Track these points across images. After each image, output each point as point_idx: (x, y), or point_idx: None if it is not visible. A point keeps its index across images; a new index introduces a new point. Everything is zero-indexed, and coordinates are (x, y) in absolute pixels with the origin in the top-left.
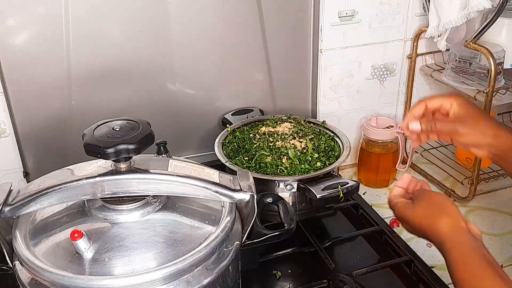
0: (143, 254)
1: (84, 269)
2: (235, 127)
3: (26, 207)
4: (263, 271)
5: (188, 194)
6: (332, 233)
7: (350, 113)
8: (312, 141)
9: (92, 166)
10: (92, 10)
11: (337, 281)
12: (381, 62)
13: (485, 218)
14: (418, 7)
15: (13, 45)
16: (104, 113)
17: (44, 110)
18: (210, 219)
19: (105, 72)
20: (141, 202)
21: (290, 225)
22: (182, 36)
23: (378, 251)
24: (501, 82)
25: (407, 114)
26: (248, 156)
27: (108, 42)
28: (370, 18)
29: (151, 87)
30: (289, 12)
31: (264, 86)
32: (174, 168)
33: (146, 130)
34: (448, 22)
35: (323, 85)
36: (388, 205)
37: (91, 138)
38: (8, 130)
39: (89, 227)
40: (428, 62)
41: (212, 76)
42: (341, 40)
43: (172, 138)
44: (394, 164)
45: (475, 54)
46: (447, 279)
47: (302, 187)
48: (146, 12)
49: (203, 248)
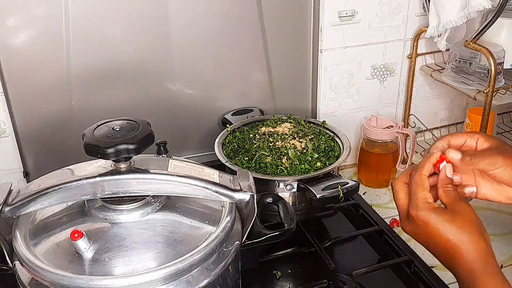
0: (143, 254)
1: (84, 269)
2: (235, 127)
3: (26, 207)
4: (263, 271)
5: (188, 194)
6: (332, 233)
7: (350, 113)
8: (312, 141)
9: (92, 166)
10: (92, 10)
11: (337, 281)
12: (381, 62)
13: (485, 218)
14: (418, 7)
15: (13, 45)
16: (104, 113)
17: (44, 110)
18: (210, 219)
19: (105, 72)
20: (141, 202)
21: (290, 225)
22: (182, 36)
23: (378, 251)
24: (501, 82)
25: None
26: (248, 156)
27: (108, 42)
28: (370, 18)
29: (151, 87)
30: (289, 12)
31: (264, 86)
32: (174, 168)
33: (146, 130)
34: (448, 22)
35: (323, 85)
36: (416, 197)
37: (91, 138)
38: (8, 130)
39: (89, 227)
40: (428, 62)
41: (212, 76)
42: (341, 40)
43: (172, 138)
44: (394, 164)
45: (475, 54)
46: (447, 279)
47: (302, 187)
48: (146, 12)
49: (203, 248)
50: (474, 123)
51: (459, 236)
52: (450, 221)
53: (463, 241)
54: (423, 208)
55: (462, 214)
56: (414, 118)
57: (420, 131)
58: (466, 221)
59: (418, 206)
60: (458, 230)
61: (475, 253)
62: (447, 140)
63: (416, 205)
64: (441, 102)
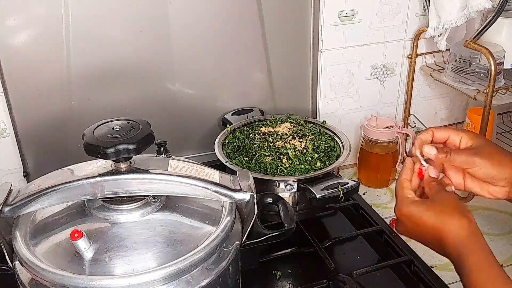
0: (143, 254)
1: (84, 269)
2: (235, 127)
3: (26, 207)
4: (263, 271)
5: (188, 194)
6: (332, 233)
7: (350, 113)
8: (312, 141)
9: (92, 166)
10: (92, 10)
11: (337, 281)
12: (381, 62)
13: (485, 218)
14: (418, 7)
15: (13, 45)
16: (104, 113)
17: (44, 110)
18: (210, 219)
19: (105, 72)
20: (141, 202)
21: (290, 225)
22: (182, 36)
23: (378, 251)
24: (501, 82)
25: (415, 140)
26: (248, 156)
27: (108, 42)
28: (370, 18)
29: (151, 87)
30: (289, 12)
31: (264, 86)
32: (174, 168)
33: (146, 130)
34: (448, 22)
35: (323, 85)
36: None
37: (91, 138)
38: (8, 130)
39: (89, 227)
40: (428, 62)
41: (212, 76)
42: (341, 40)
43: (172, 138)
44: (394, 164)
45: (475, 54)
46: (447, 279)
47: (302, 187)
48: (146, 12)
49: (203, 248)
50: (474, 123)
51: (440, 218)
52: (429, 208)
53: (444, 223)
54: (404, 204)
55: (440, 200)
56: (414, 118)
57: (420, 131)
58: (444, 206)
59: (400, 204)
60: (437, 214)
61: (457, 231)
62: (431, 132)
63: (398, 204)
64: (441, 102)
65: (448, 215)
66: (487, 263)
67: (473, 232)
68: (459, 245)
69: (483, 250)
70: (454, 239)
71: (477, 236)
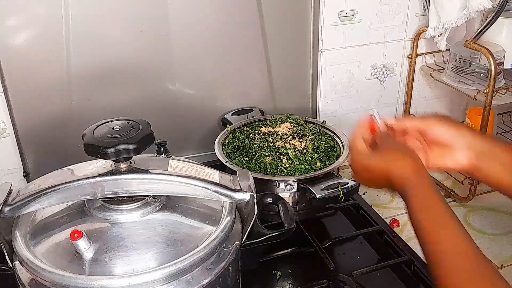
0: (143, 254)
1: (84, 269)
2: (235, 127)
3: (26, 207)
4: (263, 271)
5: (188, 194)
6: (332, 233)
7: (350, 113)
8: (312, 141)
9: (92, 166)
10: (92, 10)
11: (337, 281)
12: (381, 62)
13: (485, 218)
14: (418, 7)
15: (13, 45)
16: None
17: (44, 110)
18: (210, 219)
19: (105, 72)
20: (141, 202)
21: (290, 225)
22: (182, 36)
23: (378, 251)
24: (501, 82)
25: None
26: (248, 156)
27: (108, 42)
28: (370, 18)
29: (151, 87)
30: (289, 12)
31: (264, 86)
32: (174, 168)
33: (146, 130)
34: (448, 22)
35: (323, 85)
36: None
37: (91, 138)
38: (8, 130)
39: (89, 227)
40: (428, 62)
41: (212, 76)
42: (341, 40)
43: (172, 138)
44: None
45: (475, 54)
46: None
47: (302, 187)
48: (146, 12)
49: (203, 248)
50: (474, 123)
51: (384, 158)
52: (376, 154)
53: (389, 162)
54: (354, 154)
55: (385, 145)
56: None
57: None
58: (388, 148)
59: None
60: (382, 156)
61: (400, 169)
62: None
63: (351, 155)
64: (441, 102)
65: (391, 156)
66: (431, 201)
67: (417, 171)
68: (403, 183)
69: (427, 188)
70: (398, 178)
71: (420, 174)
